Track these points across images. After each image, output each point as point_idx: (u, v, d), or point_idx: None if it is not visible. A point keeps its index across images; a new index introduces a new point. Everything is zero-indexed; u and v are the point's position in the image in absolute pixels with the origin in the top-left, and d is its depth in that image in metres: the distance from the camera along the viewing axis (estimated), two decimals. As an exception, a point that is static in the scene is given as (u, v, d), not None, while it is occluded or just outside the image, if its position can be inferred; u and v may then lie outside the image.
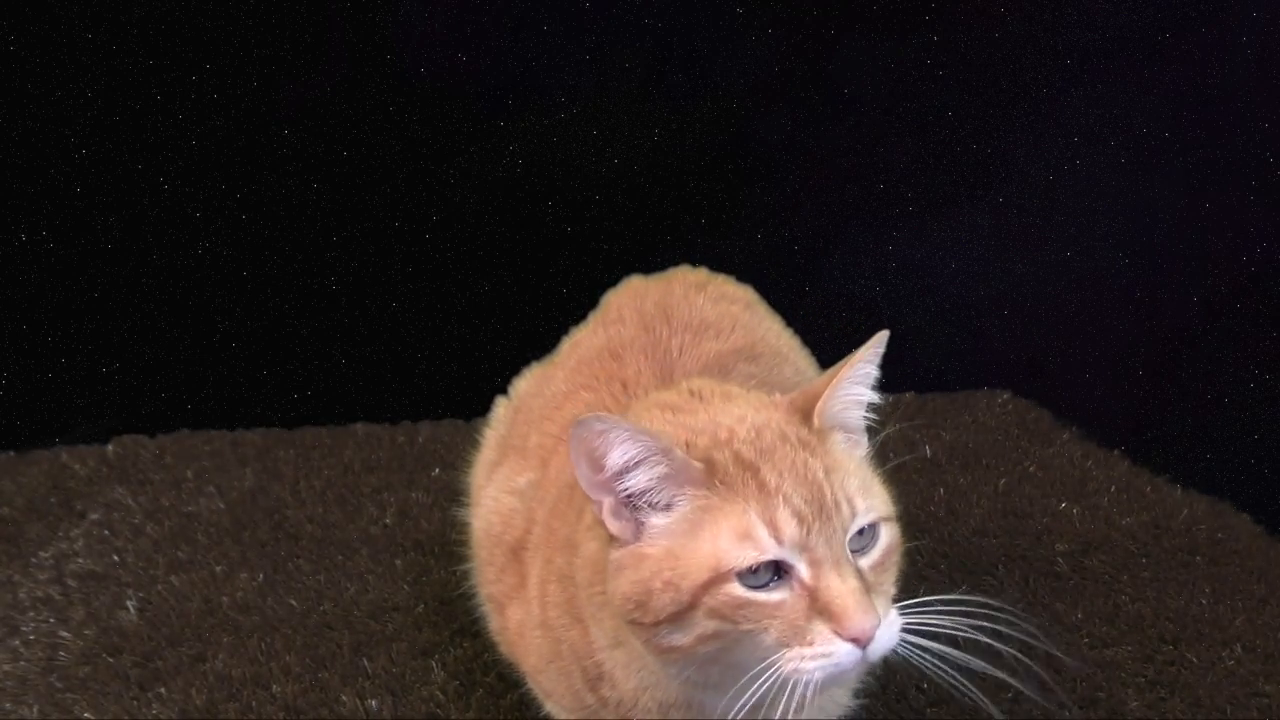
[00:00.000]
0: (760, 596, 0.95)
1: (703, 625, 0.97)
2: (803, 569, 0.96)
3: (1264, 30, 2.25)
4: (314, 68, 2.32)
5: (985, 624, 1.07)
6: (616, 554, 1.01)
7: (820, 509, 0.96)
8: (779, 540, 0.95)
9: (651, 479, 0.98)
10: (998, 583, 1.75)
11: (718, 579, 0.95)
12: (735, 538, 0.95)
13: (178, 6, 2.24)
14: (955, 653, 1.01)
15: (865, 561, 0.99)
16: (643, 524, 0.99)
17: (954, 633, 1.02)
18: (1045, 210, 2.50)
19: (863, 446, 1.08)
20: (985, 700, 1.11)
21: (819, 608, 0.95)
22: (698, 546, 0.96)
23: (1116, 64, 2.38)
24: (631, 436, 0.97)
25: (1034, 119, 2.45)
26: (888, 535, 1.02)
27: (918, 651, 1.00)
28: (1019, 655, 1.13)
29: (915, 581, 1.71)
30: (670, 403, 1.09)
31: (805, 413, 1.04)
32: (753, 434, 1.01)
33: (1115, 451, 2.27)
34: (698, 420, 1.04)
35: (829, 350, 1.51)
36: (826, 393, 1.03)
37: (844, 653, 0.94)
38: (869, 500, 1.00)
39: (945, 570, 1.79)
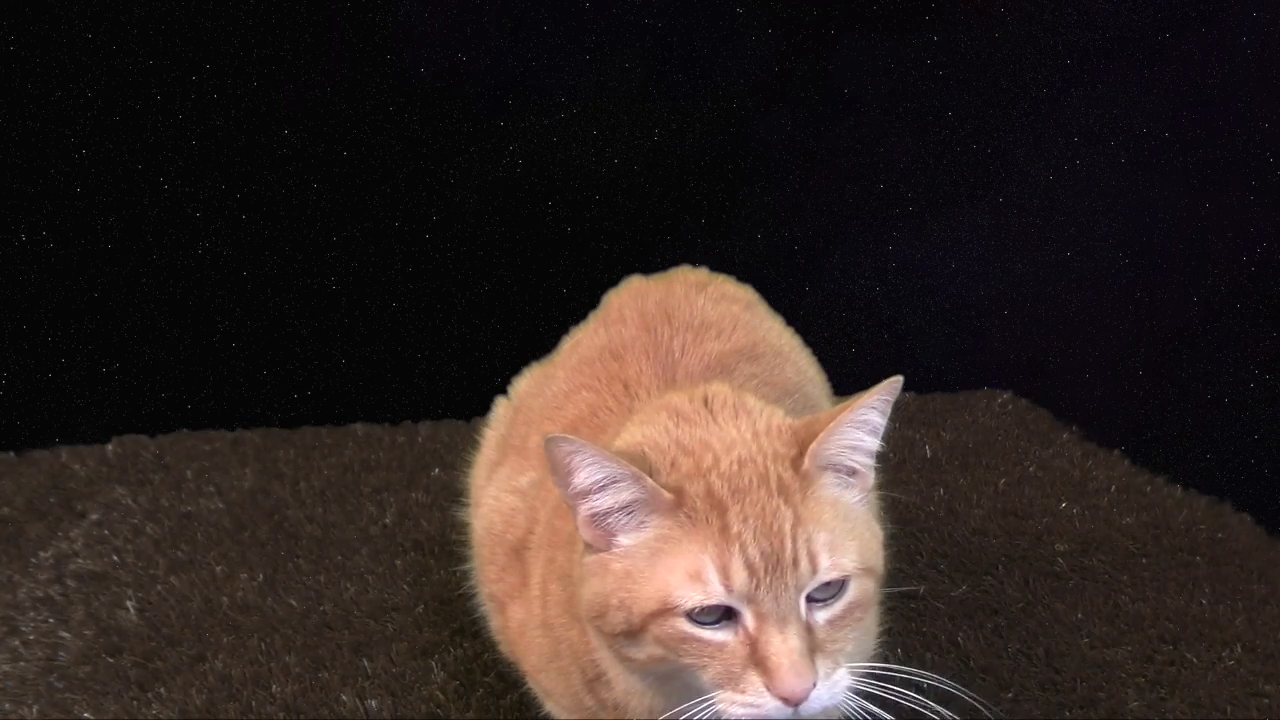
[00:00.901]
0: (705, 634, 0.97)
1: (651, 648, 0.99)
2: (748, 618, 0.96)
3: (1264, 30, 2.25)
4: (314, 68, 2.32)
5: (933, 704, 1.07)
6: (587, 559, 1.03)
7: (775, 563, 0.96)
8: (728, 588, 0.96)
9: (618, 502, 0.99)
10: (998, 583, 1.75)
11: (665, 612, 0.97)
12: (687, 576, 0.96)
13: (178, 6, 2.24)
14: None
15: (823, 615, 0.99)
16: (613, 536, 1.01)
17: (899, 701, 1.03)
18: (1045, 210, 2.50)
19: (859, 489, 1.06)
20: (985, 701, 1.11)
21: (756, 659, 0.96)
22: (653, 575, 0.98)
23: (1116, 64, 2.38)
24: (597, 461, 0.98)
25: (1034, 119, 2.45)
26: (855, 591, 1.00)
27: (862, 714, 1.02)
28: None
29: (915, 582, 1.72)
30: (678, 409, 1.09)
31: (802, 447, 1.02)
32: (734, 468, 1.00)
33: (1115, 451, 2.27)
34: (693, 436, 1.04)
35: (829, 350, 1.51)
36: (822, 435, 1.01)
37: (771, 707, 0.96)
38: (835, 557, 0.98)
39: (945, 570, 1.79)
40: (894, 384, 1.03)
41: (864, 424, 1.03)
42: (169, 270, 2.35)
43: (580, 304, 1.47)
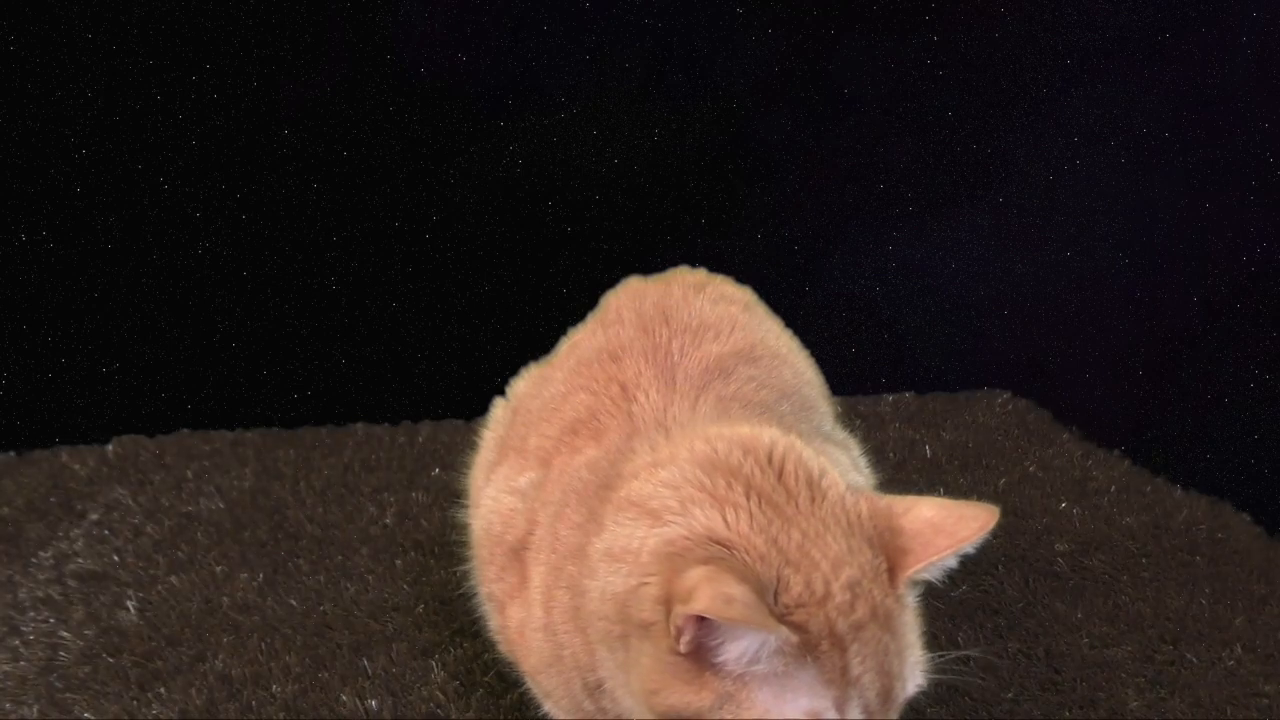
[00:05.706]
0: None
1: None
2: None
3: (1264, 30, 2.25)
4: (314, 68, 2.32)
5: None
6: (667, 657, 0.96)
7: (885, 700, 0.98)
8: None
9: (748, 647, 0.94)
10: (998, 583, 1.75)
11: None
12: (804, 714, 0.95)
13: (178, 6, 2.24)
14: None
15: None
16: (715, 655, 0.95)
17: None
18: (1045, 210, 2.50)
19: None
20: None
21: None
22: (758, 704, 0.94)
23: (1116, 64, 2.38)
24: (749, 633, 0.92)
25: (1034, 119, 2.45)
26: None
27: None
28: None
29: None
30: (750, 481, 1.03)
31: (891, 559, 1.01)
32: (848, 598, 0.97)
33: (1115, 451, 2.27)
34: (789, 539, 0.99)
35: (829, 350, 1.51)
36: (922, 565, 1.01)
37: None
38: (919, 677, 1.02)
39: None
40: (994, 518, 1.05)
41: (963, 554, 1.05)
42: (169, 270, 2.35)
43: (580, 304, 1.47)
